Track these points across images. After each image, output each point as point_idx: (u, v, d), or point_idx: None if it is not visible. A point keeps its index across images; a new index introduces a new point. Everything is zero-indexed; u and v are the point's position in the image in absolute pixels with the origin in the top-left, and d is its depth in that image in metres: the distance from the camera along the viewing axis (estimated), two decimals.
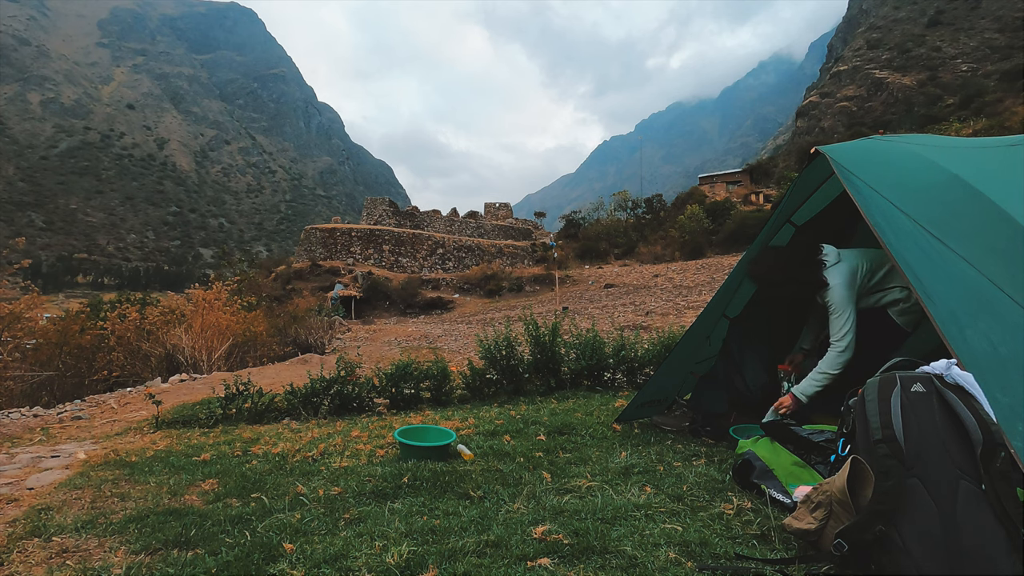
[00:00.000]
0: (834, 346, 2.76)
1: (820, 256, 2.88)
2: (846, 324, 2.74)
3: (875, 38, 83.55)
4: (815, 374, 2.78)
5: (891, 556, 1.52)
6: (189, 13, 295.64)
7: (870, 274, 2.87)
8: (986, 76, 57.58)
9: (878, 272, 2.89)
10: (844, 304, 2.76)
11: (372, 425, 4.06)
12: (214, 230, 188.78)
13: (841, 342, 2.74)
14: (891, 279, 2.89)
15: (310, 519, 2.14)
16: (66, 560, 1.90)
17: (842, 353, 2.73)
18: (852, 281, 2.79)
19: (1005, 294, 1.59)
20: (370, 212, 45.33)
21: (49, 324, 10.05)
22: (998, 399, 1.43)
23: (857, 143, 2.54)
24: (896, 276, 2.87)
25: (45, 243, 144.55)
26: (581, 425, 3.62)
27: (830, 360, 2.75)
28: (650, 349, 5.48)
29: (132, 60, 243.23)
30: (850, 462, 1.69)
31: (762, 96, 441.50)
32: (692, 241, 32.72)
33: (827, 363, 2.76)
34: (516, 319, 6.75)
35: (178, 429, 4.45)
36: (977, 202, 1.89)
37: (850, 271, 2.81)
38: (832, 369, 2.74)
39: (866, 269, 2.87)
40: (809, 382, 2.79)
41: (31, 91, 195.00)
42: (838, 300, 2.77)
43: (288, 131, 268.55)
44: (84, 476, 2.94)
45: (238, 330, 10.64)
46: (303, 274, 33.82)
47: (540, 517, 2.07)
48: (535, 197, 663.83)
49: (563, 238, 44.11)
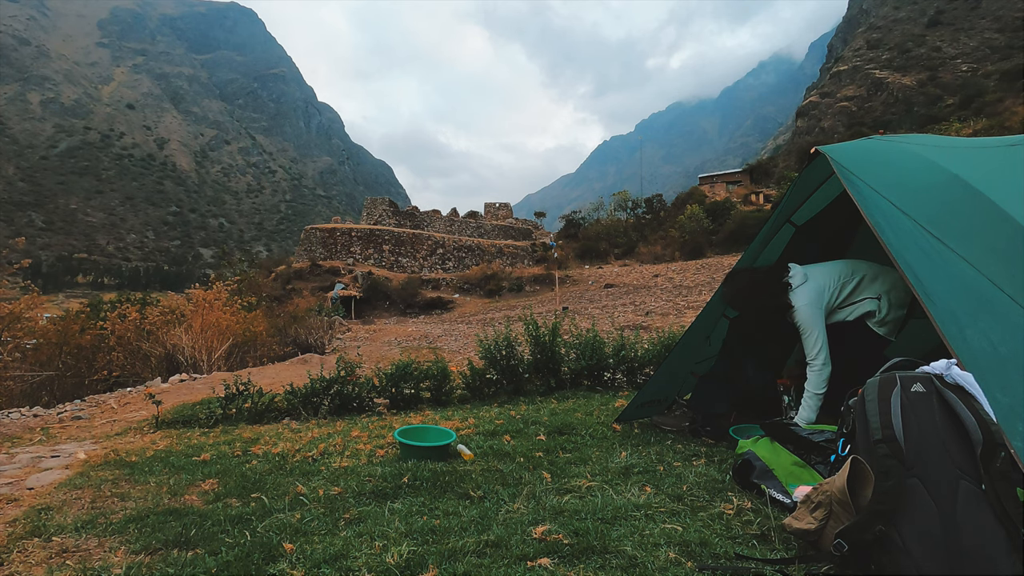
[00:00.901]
0: (811, 366, 2.86)
1: (786, 277, 2.96)
2: (817, 342, 2.83)
3: (875, 38, 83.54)
4: (807, 399, 2.87)
5: (891, 556, 1.52)
6: (189, 13, 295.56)
7: (839, 288, 2.93)
8: (986, 76, 57.53)
9: (848, 285, 2.94)
10: (811, 323, 2.84)
11: (372, 425, 4.06)
12: (214, 230, 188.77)
13: (816, 360, 2.84)
14: (861, 291, 2.95)
15: (310, 519, 2.14)
16: (66, 560, 1.90)
17: (821, 370, 2.82)
18: (818, 300, 2.87)
19: (1005, 294, 1.59)
20: (370, 212, 45.33)
21: (49, 324, 10.06)
22: (998, 399, 1.43)
23: (857, 143, 2.55)
24: (866, 288, 2.94)
25: (45, 243, 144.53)
26: (581, 425, 3.62)
27: (813, 380, 2.85)
28: (650, 349, 5.48)
29: (132, 60, 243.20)
30: (850, 462, 1.69)
31: (762, 96, 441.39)
32: (692, 241, 32.71)
33: (812, 384, 2.85)
34: (516, 319, 6.75)
35: (178, 429, 4.45)
36: (977, 202, 1.89)
37: (816, 290, 2.89)
38: (818, 389, 2.83)
39: (835, 285, 2.93)
40: (805, 409, 2.87)
41: (31, 91, 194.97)
42: (804, 320, 2.86)
43: (288, 131, 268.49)
44: (84, 476, 2.94)
45: (238, 330, 10.64)
46: (303, 274, 33.81)
47: (540, 517, 2.07)
48: (535, 197, 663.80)
49: (563, 238, 44.11)
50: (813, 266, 3.04)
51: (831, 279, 2.94)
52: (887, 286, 2.92)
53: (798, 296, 2.89)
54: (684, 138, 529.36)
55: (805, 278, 2.94)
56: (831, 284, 2.92)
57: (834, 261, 3.06)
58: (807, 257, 3.38)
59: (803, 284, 2.92)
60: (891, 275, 2.94)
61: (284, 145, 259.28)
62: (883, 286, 2.93)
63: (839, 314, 2.98)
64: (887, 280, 2.93)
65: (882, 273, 2.96)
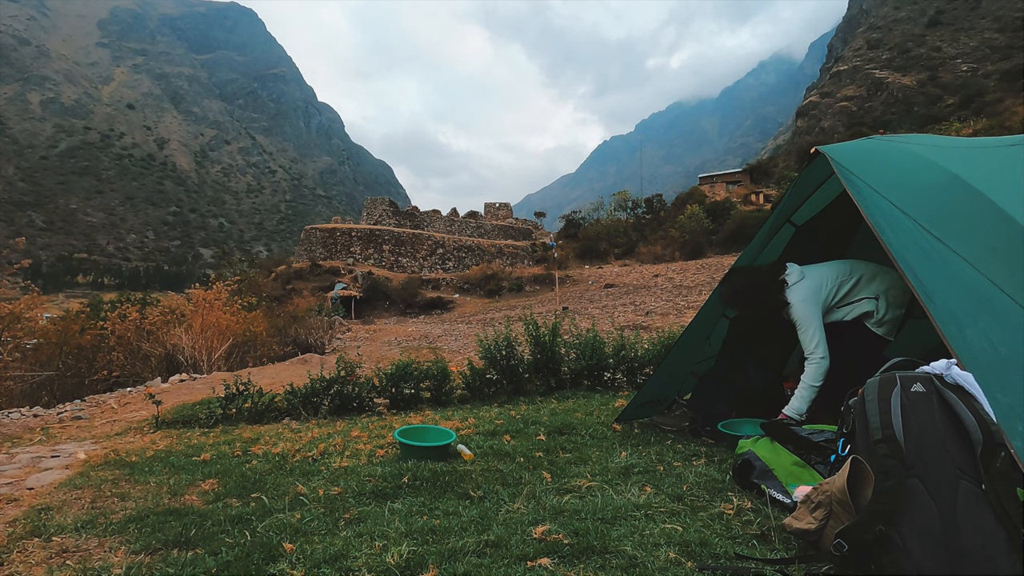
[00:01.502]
0: (810, 359, 2.87)
1: (783, 276, 2.98)
2: (815, 336, 2.85)
3: (875, 38, 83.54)
4: (801, 390, 2.88)
5: (891, 556, 1.52)
6: (189, 13, 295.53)
7: (837, 288, 2.95)
8: (986, 76, 57.54)
9: (845, 285, 2.96)
10: (808, 318, 2.87)
11: (372, 425, 4.06)
12: (214, 230, 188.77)
13: (815, 354, 2.85)
14: (858, 291, 2.96)
15: (310, 519, 2.14)
16: (66, 560, 1.90)
17: (820, 363, 2.84)
18: (814, 296, 2.90)
19: (1005, 294, 1.58)
20: (370, 212, 45.34)
21: (49, 324, 10.05)
22: (998, 399, 1.43)
23: (857, 143, 2.55)
24: (864, 288, 2.95)
25: (45, 243, 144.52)
26: (581, 425, 3.62)
27: (811, 373, 2.86)
28: (650, 349, 5.48)
29: (132, 60, 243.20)
30: (850, 462, 1.69)
31: (762, 96, 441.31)
32: (692, 241, 32.71)
33: (809, 376, 2.86)
34: (516, 319, 6.75)
35: (178, 429, 4.45)
36: (977, 202, 1.89)
37: (812, 287, 2.91)
38: (815, 381, 2.85)
39: (833, 284, 2.95)
40: (797, 400, 2.88)
41: (31, 91, 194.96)
42: (801, 315, 2.88)
43: (288, 131, 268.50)
44: (84, 476, 2.94)
45: (238, 330, 10.64)
46: (303, 274, 33.82)
47: (540, 517, 2.07)
48: (535, 197, 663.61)
49: (563, 238, 44.10)
50: (811, 266, 3.06)
51: (828, 278, 2.96)
52: (885, 286, 2.94)
53: (794, 293, 2.92)
54: (684, 138, 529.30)
55: (802, 275, 2.97)
56: (828, 283, 2.95)
57: (832, 261, 3.08)
58: (807, 257, 3.38)
59: (799, 281, 2.94)
60: (889, 275, 2.95)
61: (284, 145, 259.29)
62: (881, 286, 2.94)
63: (836, 313, 3.00)
64: (885, 280, 2.95)
65: (880, 273, 2.97)
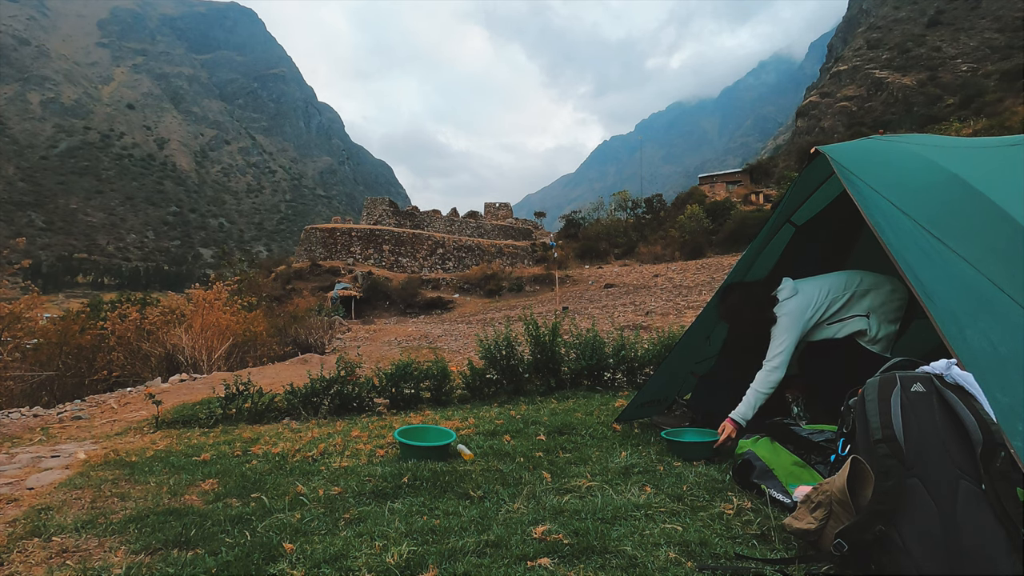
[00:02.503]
0: (765, 365, 2.88)
1: (775, 292, 2.99)
2: (780, 346, 2.86)
3: (875, 38, 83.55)
4: (750, 395, 2.89)
5: (891, 556, 1.52)
6: (189, 13, 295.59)
7: (827, 305, 2.93)
8: (986, 76, 57.53)
9: (837, 302, 2.93)
10: (783, 331, 2.88)
11: (372, 425, 4.06)
12: (214, 230, 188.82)
13: (772, 361, 2.86)
14: (849, 309, 2.93)
15: (310, 519, 2.14)
16: (66, 560, 1.89)
17: (772, 372, 2.85)
18: (799, 314, 2.90)
19: (1005, 294, 1.58)
20: (370, 212, 45.34)
21: (49, 324, 10.05)
22: (998, 399, 1.43)
23: (857, 143, 2.55)
24: (855, 305, 2.92)
25: (45, 243, 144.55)
26: (581, 425, 3.62)
27: (761, 379, 2.87)
28: (650, 349, 5.48)
29: (132, 60, 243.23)
30: (850, 462, 1.69)
31: (762, 96, 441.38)
32: (692, 241, 32.72)
33: (758, 382, 2.88)
34: (516, 319, 6.75)
35: (178, 429, 4.45)
36: (977, 202, 1.89)
37: (799, 306, 2.91)
38: (763, 388, 2.86)
39: (822, 302, 2.93)
40: (744, 405, 2.88)
41: (31, 91, 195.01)
42: (778, 327, 2.90)
43: (288, 131, 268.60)
44: (84, 476, 2.94)
45: (238, 330, 10.63)
46: (303, 274, 33.83)
47: (540, 517, 2.07)
48: (535, 197, 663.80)
49: (563, 238, 44.11)
50: (806, 280, 3.02)
51: (819, 295, 2.93)
52: (878, 301, 2.89)
53: (782, 308, 2.93)
54: (684, 138, 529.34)
55: (795, 291, 2.95)
56: (817, 300, 2.92)
57: (829, 274, 3.04)
58: (808, 257, 3.38)
59: (791, 298, 2.94)
60: (882, 290, 2.90)
61: (284, 145, 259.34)
62: (873, 302, 2.89)
63: (827, 330, 2.95)
64: (878, 295, 2.90)
65: (874, 287, 2.92)
